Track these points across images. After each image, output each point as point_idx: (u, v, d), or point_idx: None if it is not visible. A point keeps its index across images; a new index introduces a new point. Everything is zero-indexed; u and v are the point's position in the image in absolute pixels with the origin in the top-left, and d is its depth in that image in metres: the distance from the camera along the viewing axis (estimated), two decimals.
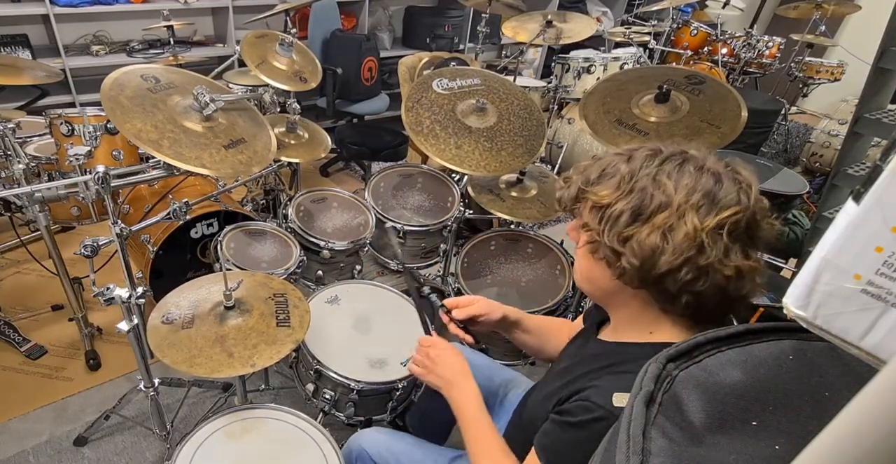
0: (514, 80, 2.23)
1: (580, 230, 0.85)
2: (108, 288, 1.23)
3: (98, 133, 1.71)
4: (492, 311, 1.14)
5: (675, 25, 4.40)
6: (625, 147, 0.84)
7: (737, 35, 4.27)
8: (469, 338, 1.16)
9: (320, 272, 1.83)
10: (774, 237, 0.79)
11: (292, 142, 1.97)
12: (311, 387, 1.45)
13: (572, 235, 0.88)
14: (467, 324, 1.15)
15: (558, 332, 1.21)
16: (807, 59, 4.06)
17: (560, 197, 0.88)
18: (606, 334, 0.92)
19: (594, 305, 1.00)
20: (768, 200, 0.79)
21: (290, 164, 2.13)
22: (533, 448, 0.84)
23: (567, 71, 3.35)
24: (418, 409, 1.52)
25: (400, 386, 1.40)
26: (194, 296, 1.29)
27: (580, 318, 1.16)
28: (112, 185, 1.34)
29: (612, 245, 0.77)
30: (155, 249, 1.89)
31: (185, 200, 1.50)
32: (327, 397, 1.42)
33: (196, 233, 2.00)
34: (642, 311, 0.83)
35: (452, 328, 1.15)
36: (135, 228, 1.36)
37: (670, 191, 0.74)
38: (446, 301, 1.16)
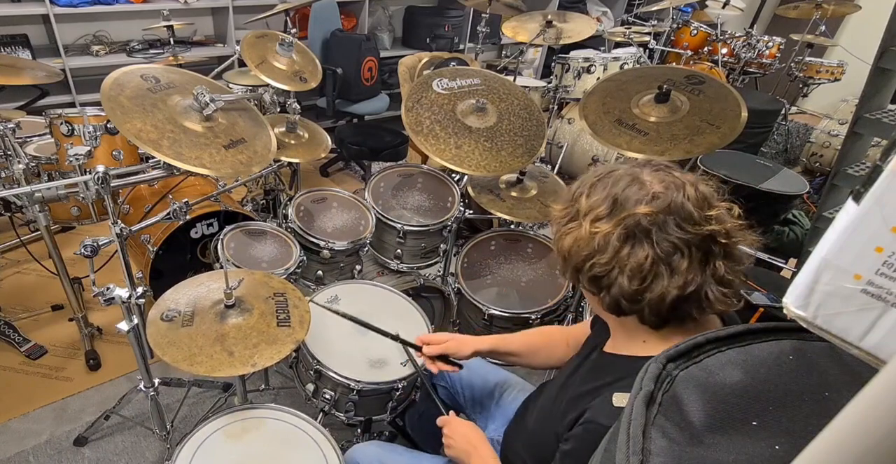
0: (514, 80, 2.23)
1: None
2: (108, 288, 1.23)
3: (98, 133, 1.70)
4: (460, 351, 1.21)
5: (675, 25, 4.40)
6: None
7: (737, 35, 4.27)
8: (447, 367, 1.23)
9: (320, 272, 1.83)
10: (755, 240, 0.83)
11: (292, 142, 1.97)
12: (311, 387, 1.45)
13: None
14: (441, 358, 1.23)
15: (548, 343, 1.23)
16: (807, 59, 4.06)
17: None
18: (608, 347, 0.94)
19: None
20: (768, 200, 0.80)
21: (290, 164, 2.12)
22: None
23: (567, 71, 3.35)
24: (417, 409, 1.52)
25: (400, 386, 1.40)
26: (194, 293, 1.29)
27: (582, 323, 1.16)
28: (112, 185, 1.34)
29: (556, 244, 0.89)
30: (155, 249, 1.89)
31: (185, 200, 1.50)
32: (327, 397, 1.42)
33: (196, 233, 2.00)
34: (635, 327, 0.86)
35: (427, 362, 1.23)
36: (135, 228, 1.36)
37: (583, 202, 0.83)
38: (418, 338, 1.26)
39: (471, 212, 1.92)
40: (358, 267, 1.91)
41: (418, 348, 1.24)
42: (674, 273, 0.76)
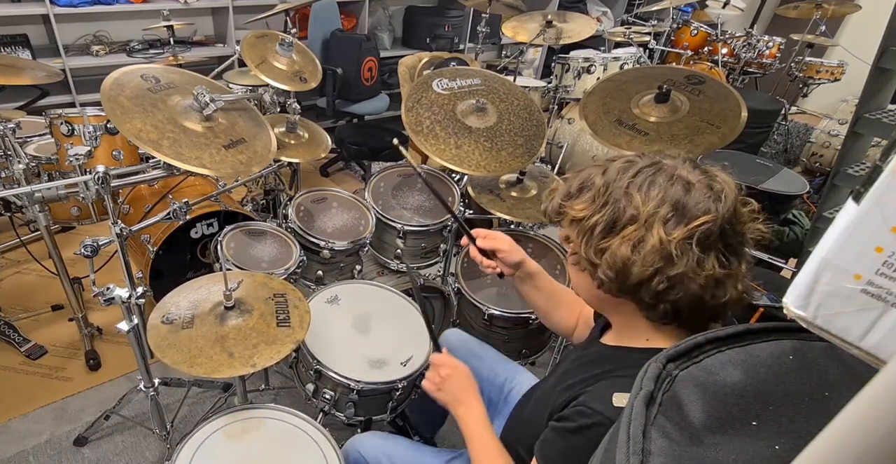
0: (514, 80, 2.23)
1: (565, 241, 0.88)
2: (108, 288, 1.23)
3: (98, 133, 1.71)
4: (513, 251, 1.15)
5: (675, 25, 4.40)
6: (604, 159, 0.86)
7: (737, 35, 4.27)
8: (491, 264, 1.15)
9: (320, 272, 1.83)
10: (766, 237, 0.80)
11: (292, 142, 1.97)
12: (311, 387, 1.45)
13: (564, 244, 0.91)
14: (487, 257, 1.17)
15: (569, 304, 1.21)
16: (807, 59, 4.06)
17: (545, 210, 0.91)
18: (608, 339, 0.94)
19: None
20: (768, 200, 0.80)
21: (290, 164, 2.12)
22: (534, 457, 0.85)
23: (567, 71, 3.34)
24: (418, 398, 1.53)
25: (400, 386, 1.40)
26: (194, 296, 1.29)
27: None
28: (112, 185, 1.34)
29: (589, 257, 0.80)
30: (155, 249, 1.89)
31: (185, 200, 1.50)
32: (327, 397, 1.42)
33: (196, 233, 2.00)
34: (634, 317, 0.85)
35: (475, 256, 1.16)
36: (135, 228, 1.36)
37: (638, 203, 0.76)
38: (474, 231, 1.17)
39: (471, 212, 1.92)
40: (358, 267, 1.91)
41: (472, 239, 1.16)
42: (731, 277, 0.77)
